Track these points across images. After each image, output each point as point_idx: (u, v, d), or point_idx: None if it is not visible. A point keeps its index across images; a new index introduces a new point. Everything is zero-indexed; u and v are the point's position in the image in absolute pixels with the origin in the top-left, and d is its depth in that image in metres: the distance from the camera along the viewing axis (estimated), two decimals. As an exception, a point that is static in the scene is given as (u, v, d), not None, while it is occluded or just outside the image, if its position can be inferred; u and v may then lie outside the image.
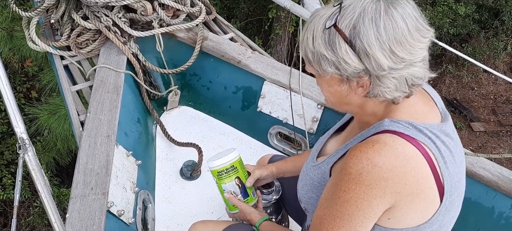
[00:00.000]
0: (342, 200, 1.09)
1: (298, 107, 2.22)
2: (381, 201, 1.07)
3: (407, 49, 1.04)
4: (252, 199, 1.66)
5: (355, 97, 1.15)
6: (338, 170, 1.14)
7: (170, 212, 2.14)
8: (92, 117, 1.94)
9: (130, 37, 2.35)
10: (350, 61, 1.06)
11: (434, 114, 1.20)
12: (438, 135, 1.12)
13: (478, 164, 1.92)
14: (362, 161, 1.05)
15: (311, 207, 1.32)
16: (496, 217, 1.95)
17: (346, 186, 1.08)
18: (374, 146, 1.06)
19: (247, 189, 1.65)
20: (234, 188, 1.64)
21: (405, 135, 1.09)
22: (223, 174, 1.64)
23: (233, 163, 1.64)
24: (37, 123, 4.09)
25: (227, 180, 1.64)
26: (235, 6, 6.22)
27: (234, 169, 1.64)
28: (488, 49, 6.99)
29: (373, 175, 1.04)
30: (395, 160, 1.05)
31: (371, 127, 1.16)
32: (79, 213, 1.60)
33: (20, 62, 4.74)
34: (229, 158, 1.64)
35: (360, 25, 1.03)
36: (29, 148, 1.49)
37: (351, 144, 1.19)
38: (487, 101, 6.95)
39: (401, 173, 1.05)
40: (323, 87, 1.20)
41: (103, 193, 1.67)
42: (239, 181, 1.64)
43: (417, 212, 1.11)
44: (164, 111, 2.55)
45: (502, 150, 6.04)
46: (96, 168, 1.75)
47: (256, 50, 2.46)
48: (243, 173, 1.67)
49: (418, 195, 1.08)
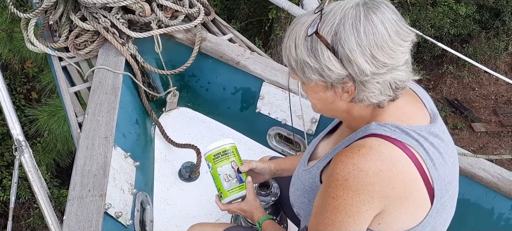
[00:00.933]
0: (331, 207, 1.09)
1: (297, 108, 2.22)
2: (369, 206, 1.06)
3: (388, 53, 1.03)
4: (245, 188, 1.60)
5: (341, 103, 1.14)
6: (325, 177, 1.15)
7: (168, 214, 2.13)
8: (90, 118, 1.94)
9: (128, 38, 2.35)
10: (333, 67, 1.05)
11: (422, 116, 1.19)
12: (426, 137, 1.12)
13: (477, 165, 1.92)
14: (348, 166, 1.05)
15: (303, 211, 1.32)
16: (495, 219, 1.94)
17: (334, 193, 1.08)
18: (360, 151, 1.06)
19: (243, 175, 1.60)
20: (230, 170, 1.59)
21: (392, 138, 1.08)
22: (220, 156, 1.59)
23: (230, 147, 1.62)
24: (37, 124, 4.09)
25: (224, 163, 1.59)
26: (235, 7, 6.21)
27: (230, 152, 1.61)
28: (489, 50, 6.96)
29: (359, 180, 1.04)
30: (381, 164, 1.04)
31: (358, 131, 1.16)
32: (76, 215, 1.59)
33: (20, 64, 4.74)
34: (226, 141, 1.62)
35: (341, 31, 1.02)
36: (25, 150, 1.49)
37: (339, 148, 1.19)
38: (488, 101, 6.93)
39: (388, 177, 1.04)
40: (309, 94, 1.19)
41: (101, 194, 1.67)
42: (235, 164, 1.60)
43: (407, 216, 1.10)
44: (162, 112, 2.55)
45: (503, 150, 6.02)
46: (93, 170, 1.74)
47: (254, 51, 2.46)
48: (239, 159, 1.63)
49: (407, 198, 1.07)
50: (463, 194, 1.59)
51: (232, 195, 1.59)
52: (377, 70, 1.04)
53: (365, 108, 1.15)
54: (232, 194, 1.58)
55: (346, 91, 1.10)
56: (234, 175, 1.59)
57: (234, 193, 1.59)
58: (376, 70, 1.04)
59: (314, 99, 1.19)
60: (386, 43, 1.02)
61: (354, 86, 1.08)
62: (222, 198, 1.60)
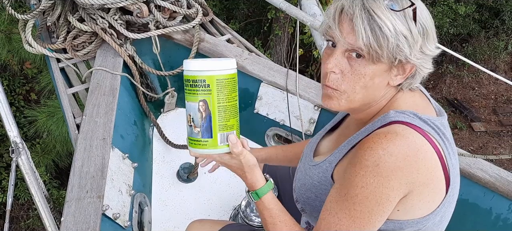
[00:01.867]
0: (360, 197, 1.04)
1: (295, 109, 2.21)
2: (397, 193, 1.05)
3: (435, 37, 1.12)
4: (217, 146, 1.15)
5: (383, 89, 1.14)
6: (348, 167, 1.09)
7: (166, 215, 2.13)
8: (88, 120, 1.94)
9: (126, 39, 2.34)
10: (419, 42, 1.07)
11: (430, 109, 1.20)
12: (439, 127, 1.12)
13: (475, 165, 1.91)
14: (378, 152, 1.02)
15: (309, 207, 1.30)
16: (494, 219, 1.93)
17: (363, 182, 1.04)
18: (387, 136, 1.04)
19: (213, 126, 1.13)
20: (194, 113, 1.12)
21: (413, 125, 1.08)
22: (188, 86, 1.13)
23: (207, 76, 1.10)
24: (36, 125, 4.09)
25: (190, 98, 1.13)
26: (235, 7, 6.21)
27: (204, 85, 1.10)
28: (489, 49, 6.97)
29: (390, 165, 1.02)
30: (408, 149, 1.03)
31: (376, 120, 1.14)
32: (74, 217, 1.59)
33: (19, 65, 4.74)
34: (207, 65, 1.12)
35: (420, 7, 1.07)
36: (22, 151, 1.48)
37: (355, 139, 1.17)
38: (488, 101, 6.93)
39: (414, 162, 1.03)
40: (359, 82, 1.10)
41: (99, 196, 1.67)
42: (205, 107, 1.12)
43: (425, 203, 1.09)
44: (160, 113, 2.54)
45: (503, 150, 6.02)
46: (91, 171, 1.74)
47: (253, 51, 2.46)
48: (222, 101, 1.13)
49: (428, 185, 1.07)
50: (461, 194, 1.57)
51: (192, 147, 1.16)
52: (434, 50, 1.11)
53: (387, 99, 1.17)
54: (192, 146, 1.16)
55: (402, 73, 1.12)
56: (198, 121, 1.12)
57: (193, 146, 1.16)
58: (434, 49, 1.11)
59: (361, 88, 1.11)
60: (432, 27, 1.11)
61: (415, 67, 1.11)
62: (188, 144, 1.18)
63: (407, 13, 1.04)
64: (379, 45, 1.03)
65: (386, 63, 1.07)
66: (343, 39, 1.07)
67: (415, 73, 1.12)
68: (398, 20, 1.03)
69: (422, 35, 1.06)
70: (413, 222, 1.12)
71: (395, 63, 1.07)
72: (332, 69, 1.10)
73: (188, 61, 1.15)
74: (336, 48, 1.10)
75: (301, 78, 2.26)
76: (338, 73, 1.11)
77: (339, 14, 1.08)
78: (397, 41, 1.03)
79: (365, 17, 1.03)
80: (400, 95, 1.17)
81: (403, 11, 1.04)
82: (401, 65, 1.09)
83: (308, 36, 4.92)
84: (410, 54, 1.06)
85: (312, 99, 2.20)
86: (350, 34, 1.06)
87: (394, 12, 1.03)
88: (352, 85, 1.11)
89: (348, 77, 1.10)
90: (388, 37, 1.03)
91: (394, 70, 1.10)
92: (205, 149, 1.15)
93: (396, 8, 1.04)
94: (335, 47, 1.11)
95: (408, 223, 1.12)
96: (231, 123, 1.17)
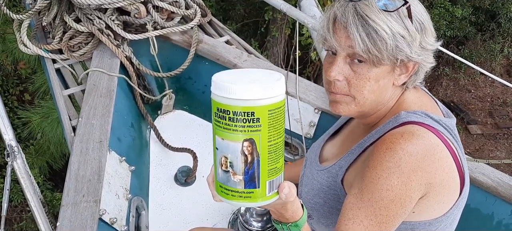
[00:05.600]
0: (386, 201, 1.00)
1: (295, 112, 2.19)
2: (418, 194, 1.02)
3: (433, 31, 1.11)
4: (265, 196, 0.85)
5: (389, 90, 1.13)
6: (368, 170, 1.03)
7: (164, 219, 2.10)
8: (84, 122, 1.90)
9: (123, 40, 2.31)
10: (418, 39, 1.05)
11: (438, 110, 1.19)
12: (450, 128, 1.11)
13: (477, 169, 1.90)
14: (398, 152, 1.00)
15: (316, 213, 1.27)
16: (495, 224, 1.92)
17: (388, 184, 1.00)
18: (404, 136, 1.02)
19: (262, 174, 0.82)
20: (235, 156, 0.80)
21: (426, 124, 1.06)
22: (226, 119, 0.79)
23: (257, 107, 0.77)
24: (30, 126, 4.05)
25: (228, 135, 0.79)
26: (231, 8, 6.19)
27: (252, 120, 0.78)
28: (485, 52, 7.00)
29: (411, 165, 0.99)
30: (424, 149, 1.01)
31: (387, 122, 1.12)
32: (70, 221, 1.55)
33: (13, 65, 4.69)
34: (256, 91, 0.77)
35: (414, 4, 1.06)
36: (18, 155, 1.45)
37: (366, 142, 1.14)
38: (484, 103, 6.95)
39: (431, 161, 1.02)
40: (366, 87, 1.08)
41: (95, 200, 1.63)
42: (252, 149, 0.80)
43: (440, 204, 1.07)
44: (158, 115, 2.51)
45: (499, 152, 6.03)
46: (88, 175, 1.71)
47: (252, 53, 2.43)
48: (274, 138, 0.81)
49: (444, 185, 1.05)
50: (463, 199, 1.58)
51: (227, 199, 0.86)
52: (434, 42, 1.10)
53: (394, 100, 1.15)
54: (227, 197, 0.85)
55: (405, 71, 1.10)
56: (240, 169, 0.81)
57: (230, 198, 0.85)
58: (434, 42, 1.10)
59: (369, 92, 1.09)
60: None
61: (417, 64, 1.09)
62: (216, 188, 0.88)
63: (402, 12, 1.02)
64: (378, 49, 1.02)
65: (388, 64, 1.06)
66: (341, 48, 1.05)
67: (419, 70, 1.12)
68: (393, 20, 1.01)
69: (420, 31, 1.05)
70: (425, 224, 1.09)
71: (397, 64, 1.06)
72: (335, 77, 1.08)
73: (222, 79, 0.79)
74: (337, 56, 1.08)
75: (300, 80, 2.24)
76: (343, 80, 1.09)
77: (332, 24, 1.07)
78: (395, 42, 1.02)
79: (359, 23, 1.01)
80: (407, 95, 1.16)
81: (397, 10, 1.02)
82: (404, 64, 1.08)
83: (305, 37, 4.91)
84: (410, 53, 1.04)
85: (312, 102, 2.18)
86: (348, 41, 1.04)
87: (388, 13, 1.01)
88: (359, 91, 1.09)
89: (354, 83, 1.08)
90: (385, 39, 1.01)
91: (398, 70, 1.09)
92: (248, 202, 0.84)
93: (389, 8, 1.02)
94: (336, 54, 1.09)
95: (421, 225, 1.10)
96: (280, 164, 0.86)
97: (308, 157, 1.40)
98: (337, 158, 1.23)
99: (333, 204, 1.19)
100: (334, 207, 1.20)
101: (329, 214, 1.21)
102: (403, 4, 1.02)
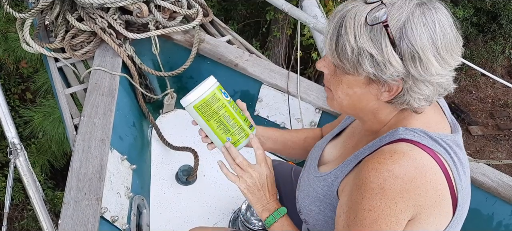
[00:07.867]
0: (369, 221, 1.02)
1: (296, 111, 2.19)
2: (406, 215, 1.02)
3: (453, 56, 1.02)
4: None
5: (373, 102, 1.09)
6: (354, 188, 1.07)
7: (165, 218, 2.10)
8: (86, 121, 1.91)
9: (125, 39, 2.32)
10: (394, 63, 0.99)
11: (444, 125, 1.16)
12: (451, 146, 1.09)
13: (477, 170, 1.90)
14: (383, 173, 1.00)
15: (312, 220, 1.28)
16: (495, 224, 1.92)
17: (370, 205, 1.01)
18: (393, 157, 1.01)
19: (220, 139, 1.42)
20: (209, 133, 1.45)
21: (421, 144, 1.04)
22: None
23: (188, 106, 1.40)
24: (31, 125, 4.06)
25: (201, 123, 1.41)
26: (233, 8, 6.19)
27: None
28: (486, 53, 7.00)
29: (395, 187, 0.99)
30: (414, 171, 1.00)
31: (384, 136, 1.11)
32: (72, 219, 1.56)
33: (15, 64, 4.70)
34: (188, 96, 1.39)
35: (412, 27, 0.98)
36: (20, 153, 1.45)
37: (361, 154, 1.14)
38: (485, 105, 6.94)
39: (421, 184, 1.01)
40: (339, 88, 1.10)
41: (97, 198, 1.64)
42: None
43: (432, 225, 1.07)
44: (160, 114, 2.52)
45: (500, 154, 6.03)
46: (89, 173, 1.71)
47: (253, 53, 2.44)
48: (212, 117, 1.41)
49: (436, 207, 1.04)
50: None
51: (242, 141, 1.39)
52: (442, 71, 1.01)
53: (394, 111, 1.12)
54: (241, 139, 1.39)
55: (388, 90, 1.05)
56: None
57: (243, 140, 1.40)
58: (441, 70, 1.01)
59: (344, 95, 1.10)
60: (452, 45, 1.01)
61: (402, 87, 1.04)
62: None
63: (384, 30, 0.98)
64: (340, 58, 1.04)
65: (359, 76, 1.04)
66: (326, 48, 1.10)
67: (405, 93, 1.04)
68: (364, 35, 0.99)
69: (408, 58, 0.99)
70: None
71: (373, 79, 1.03)
72: (320, 68, 1.13)
73: None
74: None
75: (302, 80, 2.25)
76: (328, 74, 1.13)
77: None
78: (357, 56, 1.01)
79: (336, 30, 1.03)
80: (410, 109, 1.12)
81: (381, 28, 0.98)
82: (386, 82, 1.03)
83: (307, 38, 4.91)
84: (379, 73, 1.01)
85: (313, 101, 2.19)
86: None
87: (369, 27, 0.99)
88: (334, 90, 1.12)
89: (332, 80, 1.12)
90: (347, 51, 1.01)
91: (374, 85, 1.05)
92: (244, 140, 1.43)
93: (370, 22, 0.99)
94: None
95: None
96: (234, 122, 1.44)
97: (309, 158, 1.40)
98: (335, 164, 1.23)
99: (328, 213, 1.20)
100: (330, 216, 1.21)
101: (325, 223, 1.22)
102: (381, 21, 0.97)
